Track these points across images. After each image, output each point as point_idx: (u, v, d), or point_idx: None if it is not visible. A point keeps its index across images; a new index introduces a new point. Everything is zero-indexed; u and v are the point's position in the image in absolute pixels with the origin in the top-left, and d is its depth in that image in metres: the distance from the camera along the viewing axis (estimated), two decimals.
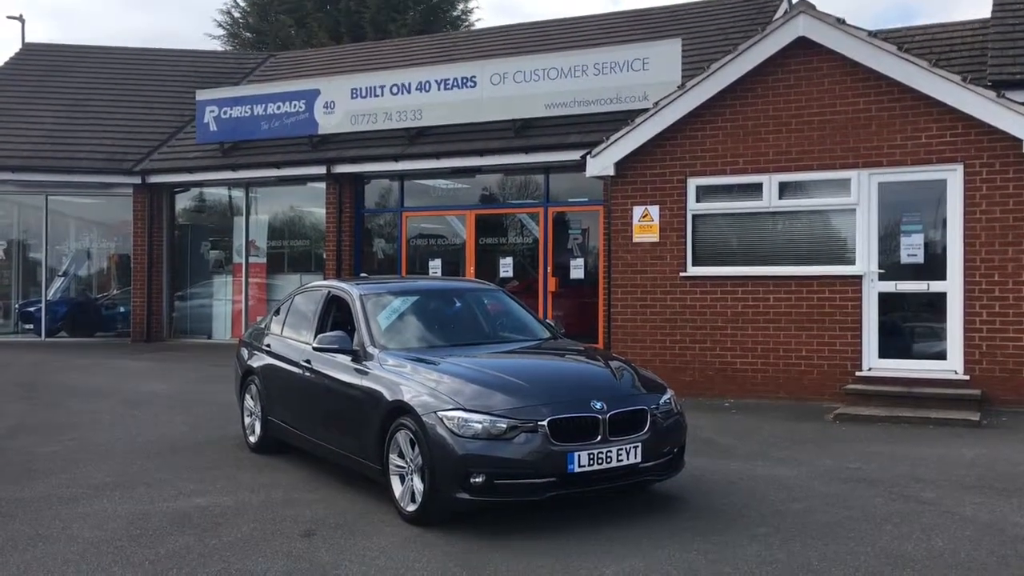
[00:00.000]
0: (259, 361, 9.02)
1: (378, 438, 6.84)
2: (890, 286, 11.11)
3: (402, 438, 6.60)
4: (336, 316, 8.27)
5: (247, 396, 9.26)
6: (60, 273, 21.34)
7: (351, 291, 7.99)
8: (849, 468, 8.04)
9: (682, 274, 12.08)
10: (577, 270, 15.93)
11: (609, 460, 6.34)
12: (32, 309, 20.91)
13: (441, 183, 17.88)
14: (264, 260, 19.62)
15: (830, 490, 7.31)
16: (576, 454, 6.22)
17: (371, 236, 18.74)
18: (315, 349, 7.59)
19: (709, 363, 11.93)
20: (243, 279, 19.62)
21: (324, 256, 18.27)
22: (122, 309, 21.00)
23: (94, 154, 19.92)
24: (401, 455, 6.65)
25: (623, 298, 12.49)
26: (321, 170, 17.75)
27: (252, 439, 9.10)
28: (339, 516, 6.76)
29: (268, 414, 8.73)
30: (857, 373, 11.08)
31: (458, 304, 8.34)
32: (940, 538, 6.12)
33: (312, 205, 19.09)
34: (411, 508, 6.53)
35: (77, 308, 21.29)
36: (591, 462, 6.27)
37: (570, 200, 16.19)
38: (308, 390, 7.97)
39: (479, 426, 6.18)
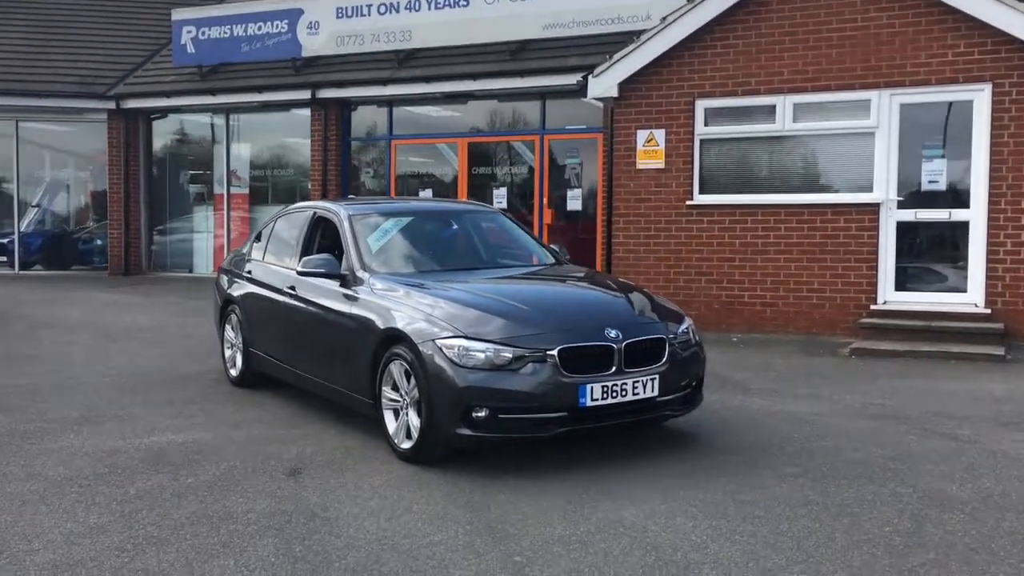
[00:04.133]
0: (240, 289, 8.38)
1: (370, 369, 6.24)
2: (909, 215, 10.51)
3: (396, 369, 6.00)
4: (322, 240, 7.63)
5: (227, 327, 8.64)
6: (33, 204, 20.50)
7: (339, 211, 7.33)
8: (874, 404, 7.51)
9: (688, 202, 11.44)
10: (574, 201, 15.24)
11: (624, 393, 5.76)
12: (5, 241, 20.10)
13: (432, 110, 17.07)
14: (246, 191, 18.83)
15: (857, 427, 6.78)
16: (589, 387, 5.64)
17: (358, 166, 17.97)
18: (300, 274, 6.94)
19: (715, 296, 11.35)
20: (225, 211, 18.85)
21: (309, 188, 17.52)
22: (99, 242, 20.22)
23: (66, 77, 18.97)
24: (395, 388, 6.06)
25: (625, 228, 11.86)
26: (305, 95, 16.90)
27: (233, 372, 8.50)
28: (327, 454, 6.19)
29: (250, 346, 8.12)
30: (872, 307, 10.53)
31: (454, 227, 7.69)
32: (987, 478, 5.59)
33: (297, 135, 18.25)
34: (406, 445, 5.96)
35: (53, 241, 20.48)
36: (605, 395, 5.69)
37: (568, 127, 15.43)
38: (293, 319, 7.35)
39: (482, 355, 5.58)
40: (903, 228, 10.55)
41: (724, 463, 5.90)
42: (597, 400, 5.67)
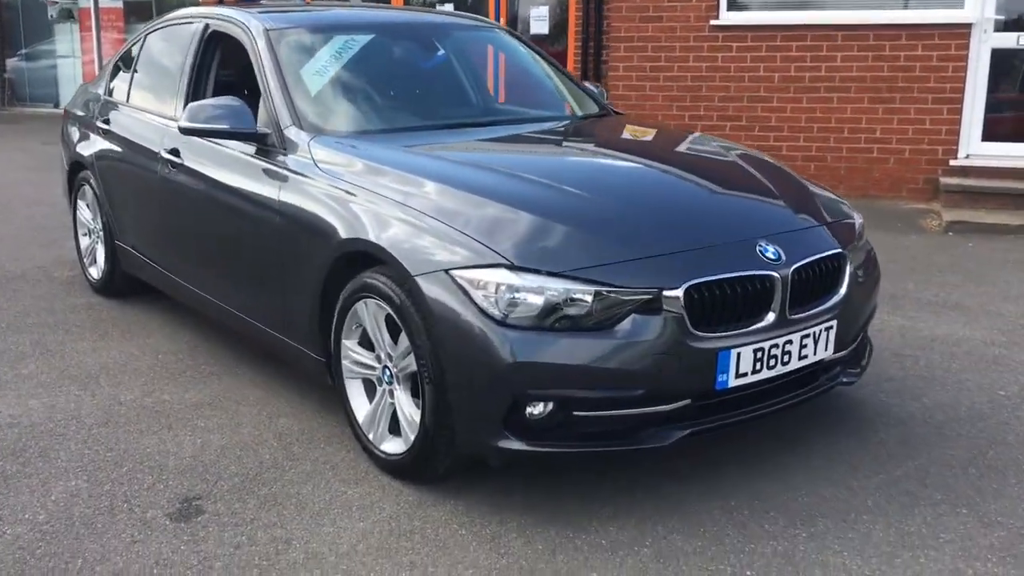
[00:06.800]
0: (94, 147, 5.43)
1: (317, 305, 3.56)
2: (1010, 39, 7.96)
3: (369, 313, 3.33)
4: (222, 73, 4.73)
5: (81, 204, 5.74)
6: None
7: (249, 24, 4.36)
8: None
9: (713, 22, 8.65)
10: (539, 23, 12.21)
11: (787, 359, 3.22)
12: None
13: None
14: (120, 5, 15.17)
15: None
16: (734, 353, 3.06)
17: None
18: (185, 131, 4.03)
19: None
20: (93, 30, 15.20)
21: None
22: None
23: None
24: (369, 344, 3.41)
25: (626, 57, 9.04)
26: None
27: (93, 273, 5.67)
28: (248, 456, 3.53)
29: (117, 237, 5.28)
30: (952, 161, 8.10)
31: (440, 52, 4.80)
32: None
33: None
34: (392, 447, 3.35)
35: None
36: (758, 367, 3.14)
37: None
38: (177, 205, 4.51)
39: (541, 301, 2.92)
40: (999, 57, 8.02)
41: (935, 462, 3.45)
42: (745, 375, 3.11)
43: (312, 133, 3.82)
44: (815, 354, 3.30)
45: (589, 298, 2.91)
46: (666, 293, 2.95)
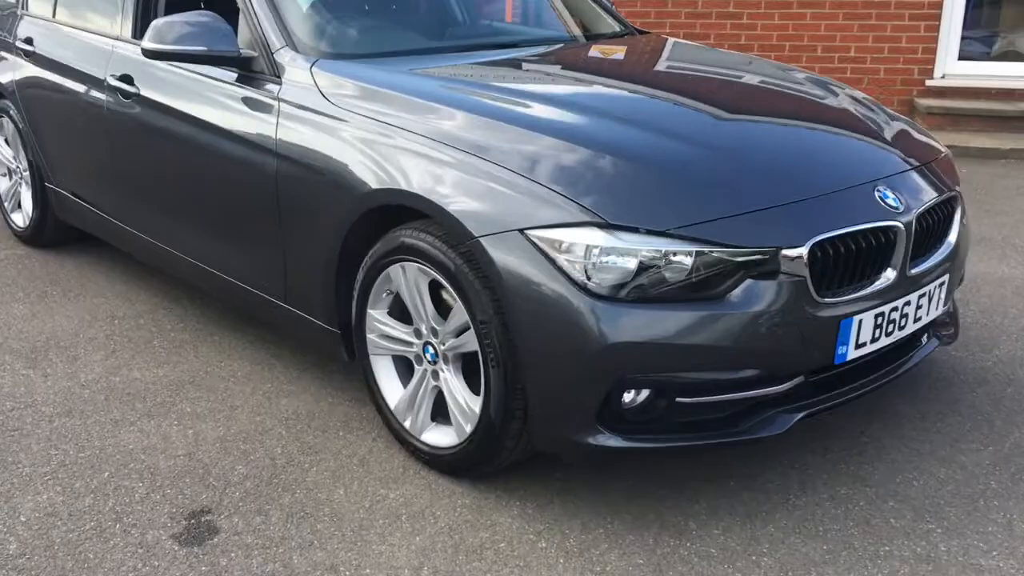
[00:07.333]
0: (13, 72, 4.59)
1: (332, 269, 2.95)
2: None
3: (408, 279, 2.74)
4: None
5: None
6: None
7: None
8: None
9: None
10: None
11: (903, 324, 2.76)
12: None
13: None
14: None
15: None
16: (856, 320, 2.59)
17: None
18: (151, 53, 3.27)
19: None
20: None
21: None
22: None
23: None
24: (400, 315, 2.83)
25: None
26: None
27: (18, 220, 4.88)
28: (257, 451, 2.94)
29: (49, 179, 4.50)
30: (928, 81, 7.76)
31: None
32: None
33: None
34: (442, 442, 2.80)
35: None
36: (877, 334, 2.68)
37: None
38: (133, 142, 3.78)
39: (639, 266, 2.37)
40: None
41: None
42: (864, 345, 2.65)
43: (311, 56, 3.15)
44: (927, 315, 2.86)
45: (697, 261, 2.39)
46: (786, 252, 2.44)
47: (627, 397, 2.46)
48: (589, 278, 2.37)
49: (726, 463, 2.87)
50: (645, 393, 2.47)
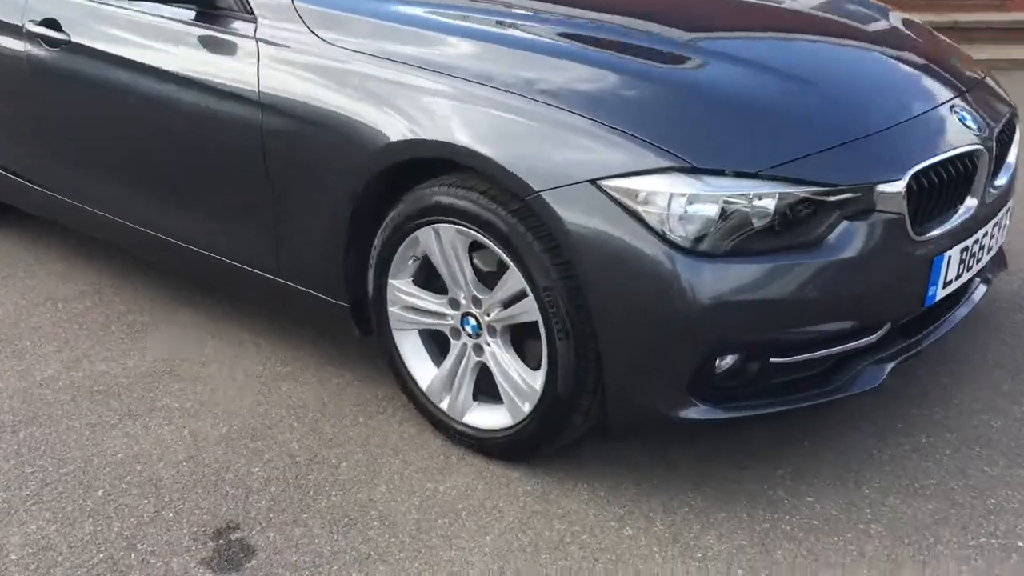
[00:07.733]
0: None
1: (342, 236, 2.55)
2: None
3: (445, 243, 2.38)
4: None
5: None
6: None
7: None
8: None
9: None
10: None
11: (980, 256, 2.56)
12: None
13: None
14: None
15: None
16: (945, 256, 2.36)
17: None
18: None
19: None
20: None
21: None
22: None
23: None
24: (430, 282, 2.48)
25: None
26: None
27: None
28: (272, 449, 2.56)
29: None
30: None
31: None
32: None
33: None
34: (491, 423, 2.47)
35: None
36: (960, 270, 2.47)
37: None
38: (66, 99, 3.24)
39: (729, 212, 2.06)
40: None
41: None
42: (950, 284, 2.44)
43: None
44: (996, 246, 2.66)
45: (790, 202, 2.11)
46: (881, 188, 2.18)
47: (721, 362, 2.18)
48: (675, 231, 2.06)
49: (788, 420, 2.64)
50: (739, 357, 2.20)
